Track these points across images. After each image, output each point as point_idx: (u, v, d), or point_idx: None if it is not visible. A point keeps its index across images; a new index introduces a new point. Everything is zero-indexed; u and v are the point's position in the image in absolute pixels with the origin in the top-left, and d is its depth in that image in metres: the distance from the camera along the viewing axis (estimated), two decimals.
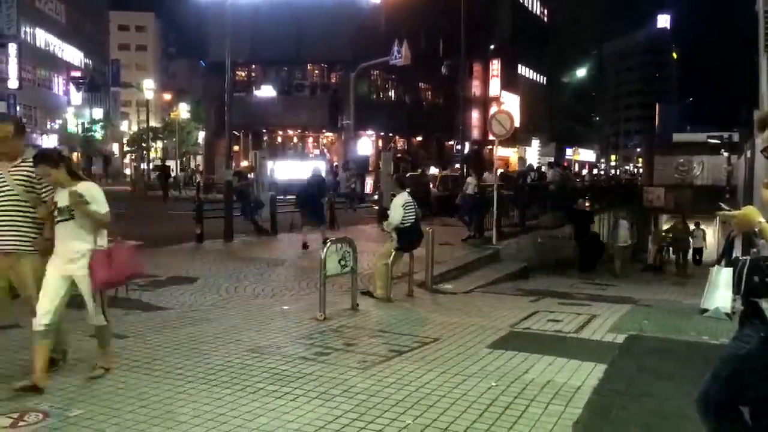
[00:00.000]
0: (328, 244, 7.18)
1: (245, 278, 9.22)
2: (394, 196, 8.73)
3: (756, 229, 2.72)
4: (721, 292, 2.87)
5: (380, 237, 14.71)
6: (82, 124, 56.72)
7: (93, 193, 4.55)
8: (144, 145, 50.80)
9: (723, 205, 3.00)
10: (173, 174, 40.86)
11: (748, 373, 2.74)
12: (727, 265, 2.88)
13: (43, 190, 4.62)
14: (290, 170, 31.69)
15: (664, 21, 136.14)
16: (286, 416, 4.11)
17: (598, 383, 4.93)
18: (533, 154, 65.24)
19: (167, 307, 7.23)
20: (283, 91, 41.55)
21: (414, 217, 8.44)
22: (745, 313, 2.80)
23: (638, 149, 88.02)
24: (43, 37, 51.31)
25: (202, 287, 8.49)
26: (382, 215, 16.68)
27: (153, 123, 55.81)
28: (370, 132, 41.79)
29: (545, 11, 73.77)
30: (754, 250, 2.78)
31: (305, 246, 12.09)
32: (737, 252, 2.87)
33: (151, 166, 46.02)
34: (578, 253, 17.81)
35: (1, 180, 4.60)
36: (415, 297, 8.51)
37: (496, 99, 54.53)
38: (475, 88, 54.55)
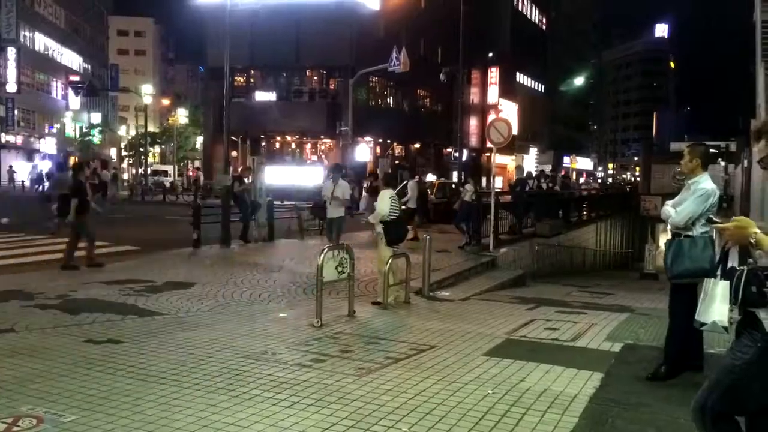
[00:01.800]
0: (326, 250, 7.17)
1: (242, 284, 9.20)
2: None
3: (752, 240, 2.70)
4: (717, 305, 2.83)
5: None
6: (80, 128, 56.73)
7: None
8: (142, 150, 50.81)
9: (713, 218, 2.99)
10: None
11: (746, 383, 2.73)
12: (722, 277, 2.86)
13: None
14: (288, 176, 31.73)
15: (662, 30, 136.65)
16: (281, 423, 4.09)
17: (594, 392, 4.93)
18: (531, 161, 65.33)
19: (163, 312, 7.21)
20: (281, 96, 41.61)
21: (399, 212, 8.59)
22: (742, 323, 2.80)
23: (636, 157, 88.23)
24: (42, 42, 51.37)
25: (199, 293, 8.47)
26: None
27: (151, 128, 55.88)
28: (368, 138, 41.84)
29: (544, 20, 74.08)
30: (751, 260, 2.77)
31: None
32: (733, 262, 2.85)
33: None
34: None
35: None
36: (412, 304, 8.50)
37: (495, 107, 54.69)
38: (474, 95, 54.71)
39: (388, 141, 45.19)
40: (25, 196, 31.60)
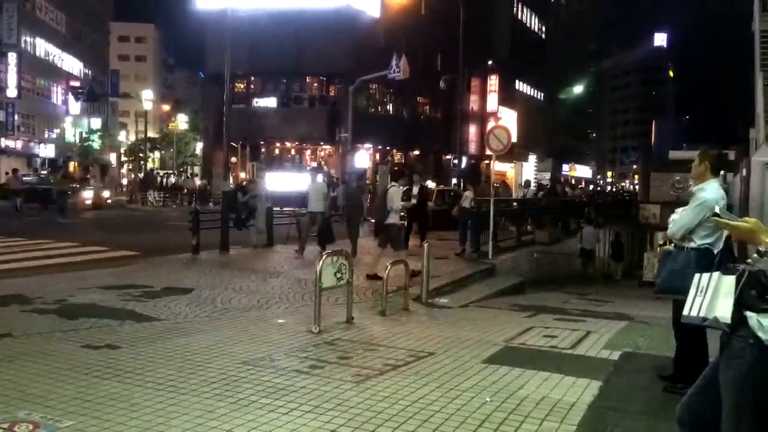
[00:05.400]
0: (324, 257, 7.16)
1: (240, 290, 9.19)
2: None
3: (761, 248, 2.61)
4: (722, 301, 2.74)
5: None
6: (80, 133, 56.74)
7: None
8: (141, 155, 50.84)
9: (719, 212, 2.88)
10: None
11: (764, 385, 2.64)
12: (724, 272, 2.76)
13: None
14: (287, 182, 31.70)
15: (660, 39, 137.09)
16: (279, 430, 4.08)
17: (592, 400, 4.91)
18: (530, 169, 65.37)
19: (160, 318, 7.20)
20: (281, 103, 41.67)
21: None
22: (729, 325, 2.72)
23: (634, 165, 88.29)
24: (43, 47, 51.42)
25: (197, 298, 8.46)
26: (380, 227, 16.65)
27: (151, 133, 55.99)
28: (367, 145, 41.86)
29: (543, 28, 74.24)
30: (749, 260, 2.71)
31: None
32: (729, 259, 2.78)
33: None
34: None
35: None
36: (411, 311, 8.49)
37: (494, 114, 54.75)
38: (473, 103, 54.77)
39: (388, 148, 45.24)
40: None
